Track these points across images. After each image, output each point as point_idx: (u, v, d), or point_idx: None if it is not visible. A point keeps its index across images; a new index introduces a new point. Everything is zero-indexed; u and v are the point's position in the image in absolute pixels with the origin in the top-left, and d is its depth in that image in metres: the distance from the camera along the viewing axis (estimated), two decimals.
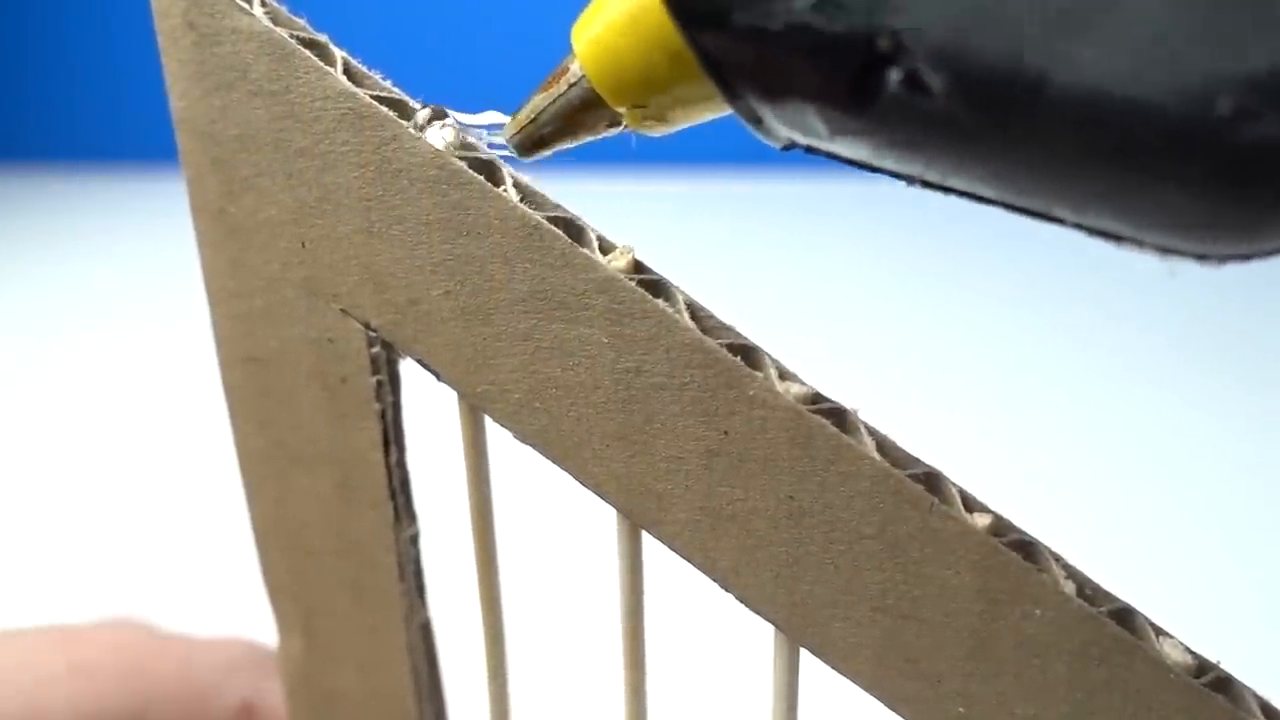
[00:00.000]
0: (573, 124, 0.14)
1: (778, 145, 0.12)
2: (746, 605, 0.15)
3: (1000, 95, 0.09)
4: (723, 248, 1.23)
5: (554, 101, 0.13)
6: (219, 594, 0.58)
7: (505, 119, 0.15)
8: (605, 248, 0.14)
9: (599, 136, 0.14)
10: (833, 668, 0.15)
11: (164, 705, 0.20)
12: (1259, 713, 0.13)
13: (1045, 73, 0.09)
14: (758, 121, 0.12)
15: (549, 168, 0.14)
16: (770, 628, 0.15)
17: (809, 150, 0.12)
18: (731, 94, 0.11)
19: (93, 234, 1.46)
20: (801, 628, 0.14)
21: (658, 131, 0.13)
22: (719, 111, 0.12)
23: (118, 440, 0.83)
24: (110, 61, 1.76)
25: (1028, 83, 0.09)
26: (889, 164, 0.11)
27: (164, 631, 0.22)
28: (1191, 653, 0.13)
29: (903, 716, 0.15)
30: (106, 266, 1.31)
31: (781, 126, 0.11)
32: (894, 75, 0.10)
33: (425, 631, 0.18)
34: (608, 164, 1.69)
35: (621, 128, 0.13)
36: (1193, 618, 0.22)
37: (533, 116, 0.14)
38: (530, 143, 0.14)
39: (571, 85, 0.13)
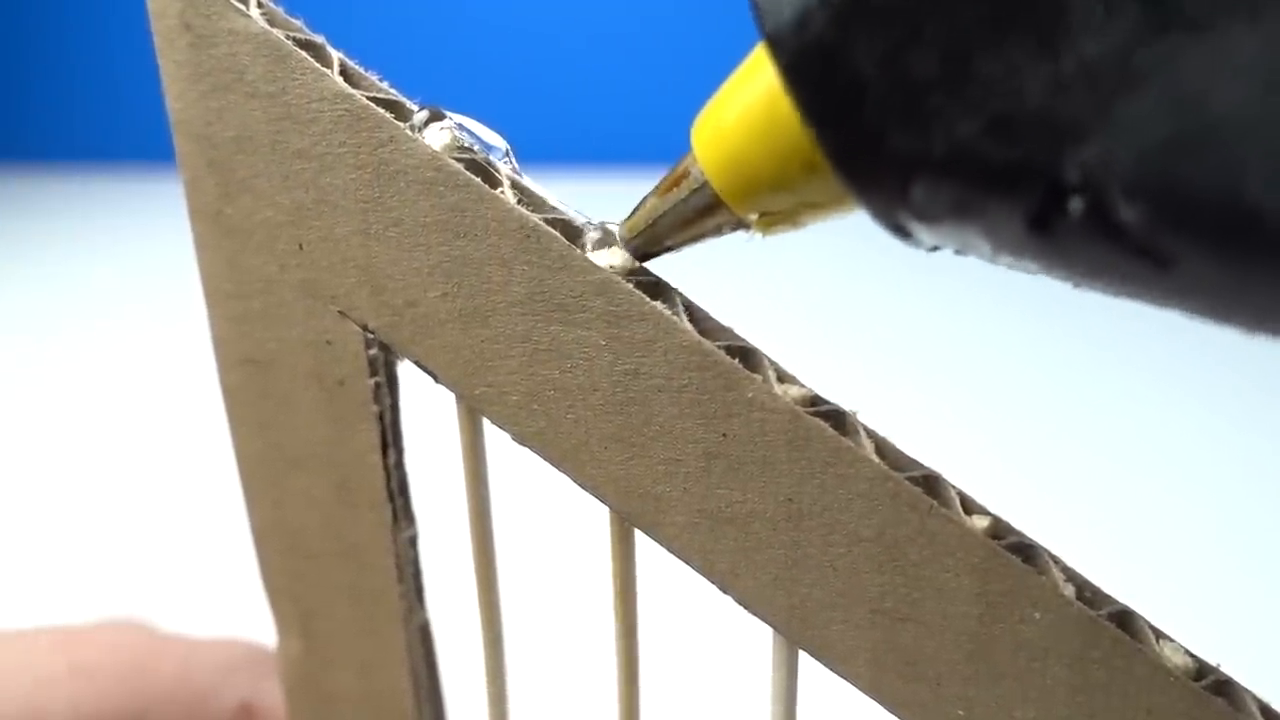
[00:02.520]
0: (695, 228, 0.13)
1: (923, 250, 0.11)
2: (745, 607, 0.15)
3: (1208, 227, 0.08)
4: (723, 247, 1.23)
5: (674, 207, 0.13)
6: (218, 595, 0.59)
7: (504, 143, 0.14)
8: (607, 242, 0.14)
9: (721, 236, 0.13)
10: (831, 670, 0.15)
11: (164, 706, 0.20)
12: (1259, 716, 0.13)
13: (1265, 203, 0.08)
14: (905, 235, 0.11)
15: (549, 168, 0.14)
16: (769, 630, 0.15)
17: (958, 252, 0.11)
18: (881, 215, 0.11)
19: (92, 234, 1.46)
20: (800, 630, 0.14)
21: (785, 232, 0.12)
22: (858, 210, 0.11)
23: (118, 441, 0.83)
24: (109, 62, 1.76)
25: (1244, 214, 0.08)
26: (1060, 278, 0.10)
27: (163, 632, 0.22)
28: (1191, 655, 0.13)
29: (900, 719, 0.14)
30: (106, 267, 1.31)
31: (934, 241, 0.11)
32: (1077, 204, 0.09)
33: (424, 633, 0.18)
34: (608, 164, 1.69)
35: (747, 229, 0.13)
36: (1193, 619, 0.22)
37: (651, 221, 0.13)
38: (649, 247, 0.13)
39: (694, 191, 0.12)
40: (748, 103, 0.11)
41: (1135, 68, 0.08)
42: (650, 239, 0.13)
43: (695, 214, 0.13)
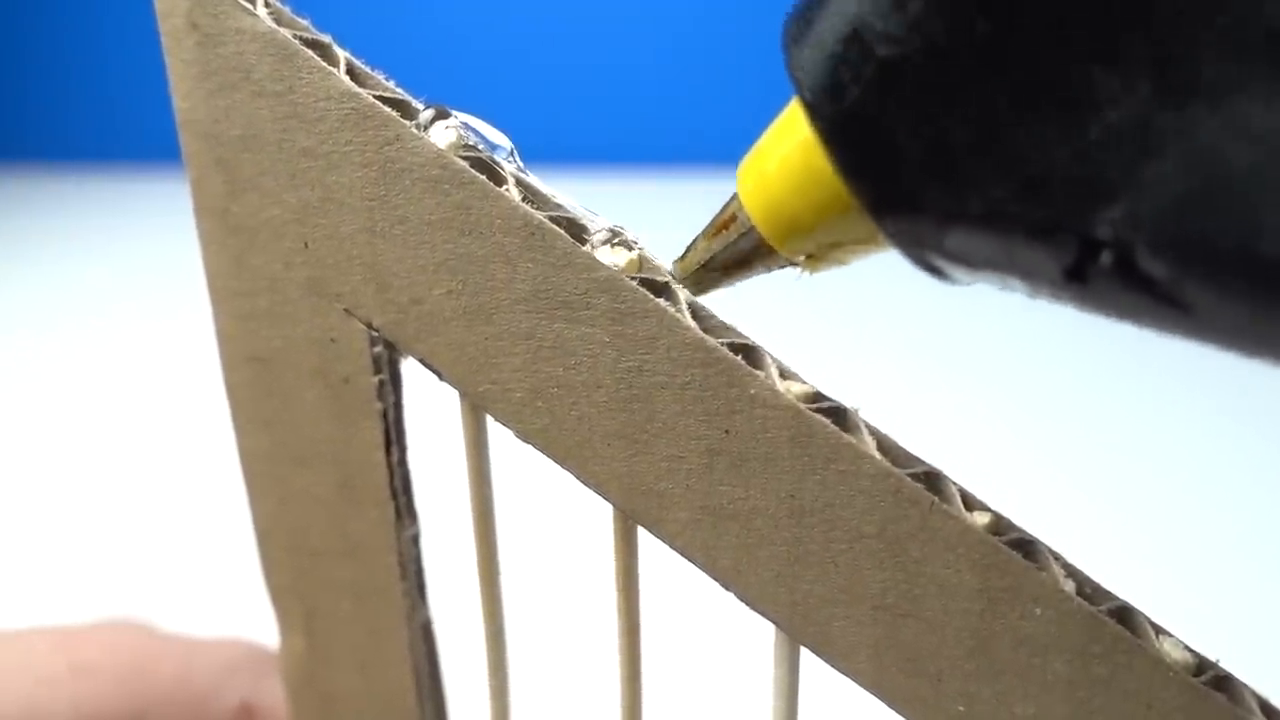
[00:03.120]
0: (745, 268, 0.13)
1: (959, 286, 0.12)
2: (747, 604, 0.15)
3: (1227, 277, 0.09)
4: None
5: (724, 249, 0.13)
6: (219, 594, 0.59)
7: (508, 142, 0.15)
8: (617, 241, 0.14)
9: (773, 271, 0.13)
10: (833, 666, 0.15)
11: (164, 706, 0.20)
12: (1258, 711, 0.13)
13: None
14: (943, 277, 0.11)
15: (549, 168, 0.14)
16: (770, 626, 0.15)
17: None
18: (918, 262, 0.11)
19: (93, 234, 1.46)
20: (802, 626, 0.15)
21: (831, 269, 0.13)
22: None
23: (118, 441, 0.83)
24: (110, 62, 1.77)
25: (1260, 265, 0.09)
26: (1095, 315, 0.11)
27: (163, 632, 0.22)
28: (1191, 651, 0.13)
29: (903, 715, 0.15)
30: (106, 267, 1.31)
31: (970, 281, 0.11)
32: (1107, 258, 0.09)
33: (426, 630, 0.18)
34: (609, 163, 1.70)
35: (796, 267, 0.13)
36: (1193, 616, 0.22)
37: (704, 261, 0.14)
38: (703, 286, 0.14)
39: (742, 235, 0.13)
40: (787, 154, 0.12)
41: (1156, 134, 0.09)
42: (703, 279, 0.14)
43: (744, 255, 0.13)
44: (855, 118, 0.10)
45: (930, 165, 0.10)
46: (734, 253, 0.13)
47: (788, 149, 0.12)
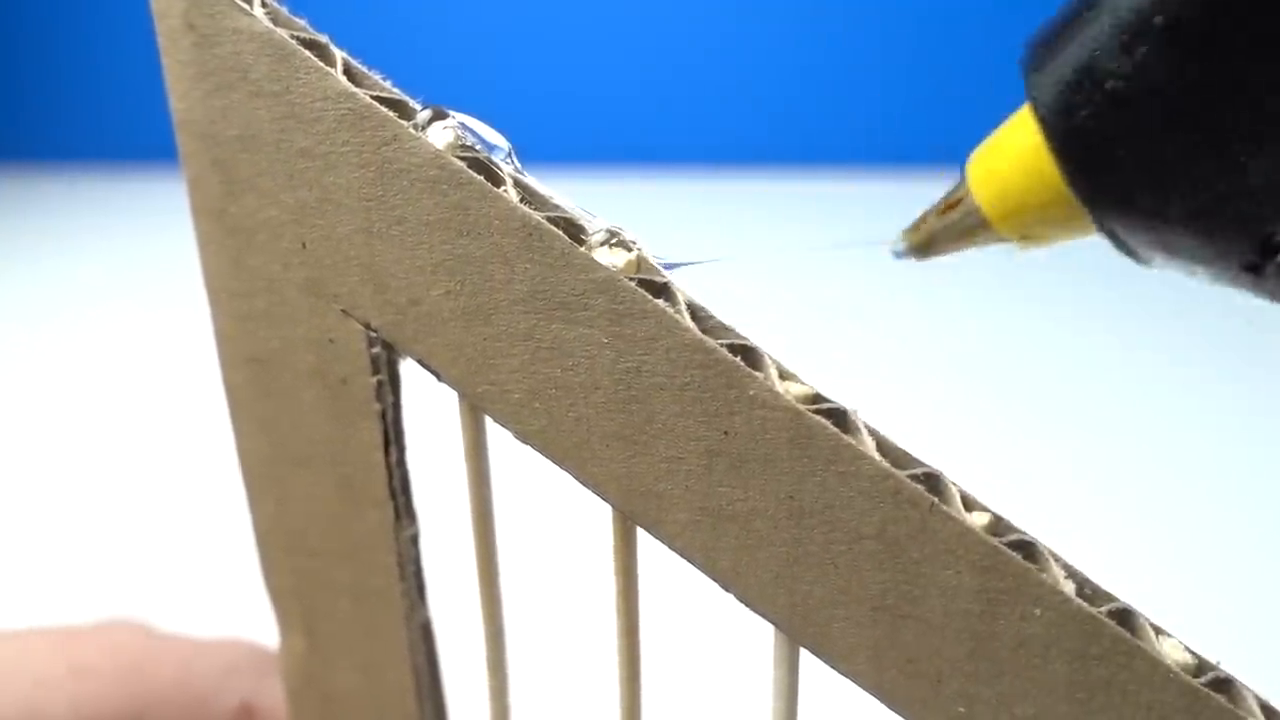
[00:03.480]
0: (965, 242, 0.15)
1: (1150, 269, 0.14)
2: (747, 605, 0.15)
3: None
4: (723, 246, 1.23)
5: (949, 225, 0.15)
6: (218, 595, 0.59)
7: (506, 143, 0.15)
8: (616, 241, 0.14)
9: (988, 246, 0.16)
10: (832, 667, 0.15)
11: (163, 706, 0.20)
12: (1259, 713, 0.13)
13: None
14: (1139, 260, 0.14)
15: (552, 168, 0.14)
16: (770, 628, 0.15)
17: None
18: (1125, 252, 0.14)
19: (91, 234, 1.46)
20: (801, 627, 0.14)
21: (1039, 248, 0.15)
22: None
23: (117, 441, 0.83)
24: (108, 62, 1.77)
25: None
26: (1260, 297, 0.13)
27: (163, 633, 0.22)
28: (1191, 652, 0.13)
29: (903, 716, 0.14)
30: (104, 267, 1.31)
31: (1161, 266, 0.13)
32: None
33: (426, 631, 0.18)
34: (610, 163, 1.70)
35: (1004, 243, 0.15)
36: (1193, 618, 0.22)
37: (929, 236, 0.16)
38: (924, 253, 0.16)
39: (967, 214, 0.15)
40: (1017, 154, 0.14)
41: None
42: (926, 247, 0.16)
43: (967, 232, 0.15)
44: (1083, 133, 0.13)
45: (1142, 175, 0.12)
46: (958, 229, 0.15)
47: (1018, 150, 0.14)
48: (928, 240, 0.16)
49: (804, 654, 0.15)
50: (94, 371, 0.98)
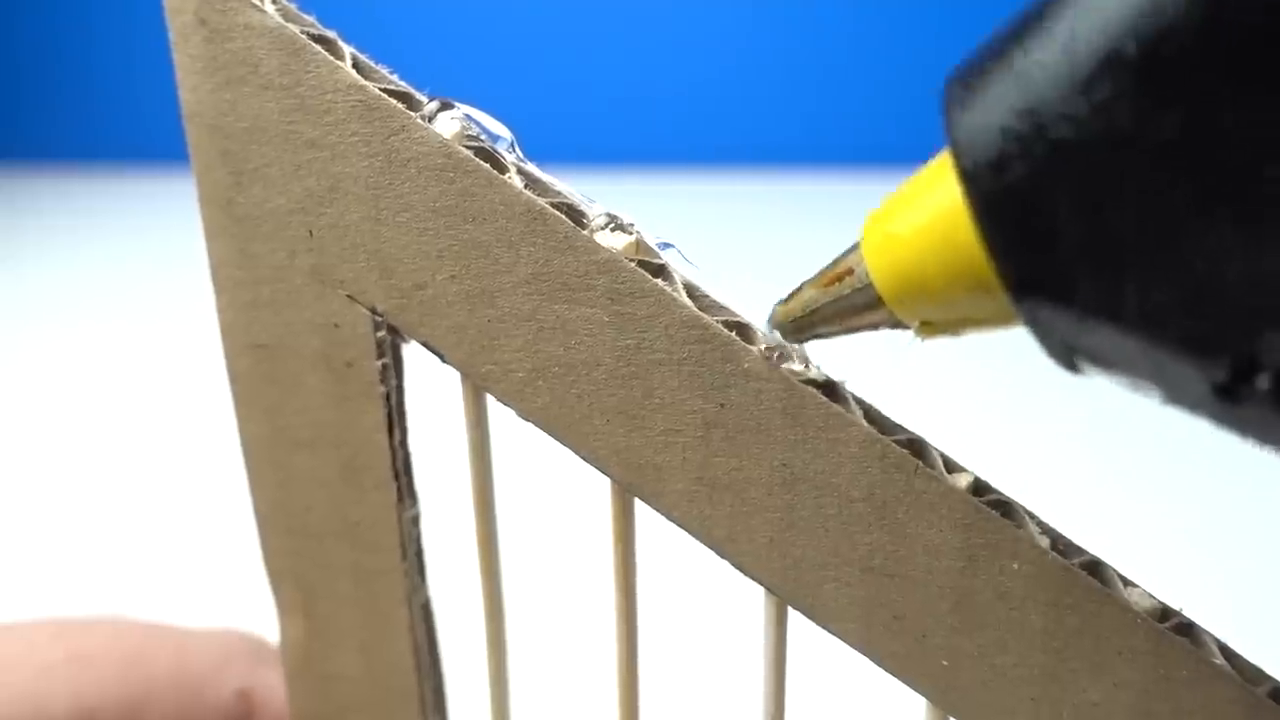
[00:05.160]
0: (851, 323, 0.13)
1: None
2: (741, 571, 0.15)
3: None
4: (724, 245, 1.26)
5: (834, 301, 0.13)
6: (216, 590, 0.59)
7: (509, 133, 0.15)
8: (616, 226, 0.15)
9: (879, 330, 0.13)
10: (823, 628, 0.15)
11: (163, 693, 0.21)
12: (1218, 653, 0.14)
13: None
14: (1074, 370, 0.11)
15: (553, 168, 0.15)
16: (760, 591, 0.16)
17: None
18: (1055, 353, 0.11)
19: (92, 234, 1.47)
20: (794, 590, 0.15)
21: (943, 338, 0.12)
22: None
23: (117, 438, 0.83)
24: (110, 63, 1.76)
25: None
26: (1229, 430, 0.10)
27: (160, 624, 0.22)
28: (1156, 600, 0.14)
29: (889, 672, 0.15)
30: (105, 267, 1.32)
31: (1104, 379, 0.11)
32: (1265, 381, 0.09)
33: (426, 611, 0.19)
34: (611, 163, 1.71)
35: (902, 329, 0.13)
36: (1157, 572, 0.23)
37: (808, 311, 0.13)
38: (801, 333, 0.14)
39: (857, 290, 0.12)
40: (926, 218, 0.11)
41: None
42: (803, 327, 0.14)
43: (854, 311, 0.13)
44: (1016, 195, 0.10)
45: (1089, 256, 0.09)
46: (844, 306, 0.13)
47: (928, 212, 0.11)
48: (806, 317, 0.13)
49: (792, 628, 0.16)
50: (93, 371, 0.98)
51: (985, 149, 0.10)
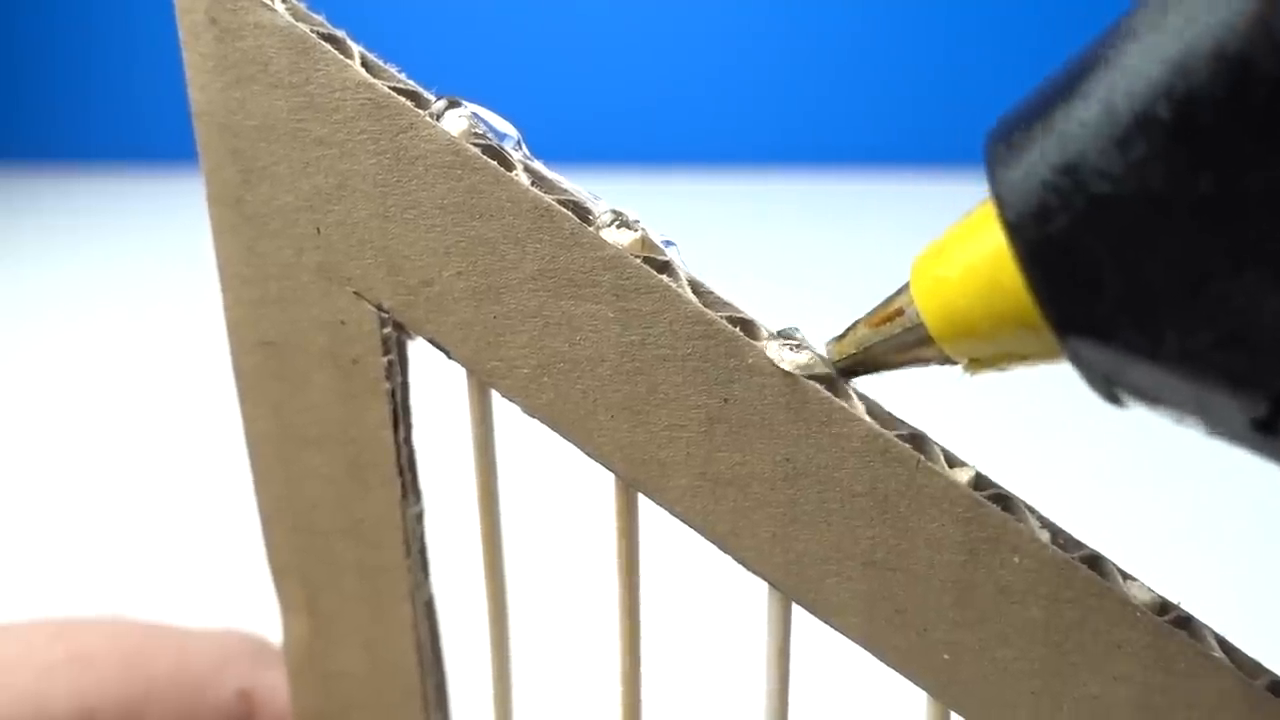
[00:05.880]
0: (902, 359, 0.14)
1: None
2: (745, 566, 0.16)
3: None
4: (728, 243, 1.26)
5: (886, 340, 0.14)
6: (216, 588, 0.60)
7: (515, 131, 0.15)
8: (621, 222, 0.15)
9: (929, 366, 0.14)
10: (825, 622, 0.16)
11: (164, 693, 0.21)
12: (1216, 646, 0.14)
13: None
14: (1117, 403, 0.11)
15: (559, 166, 0.15)
16: (764, 587, 0.16)
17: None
18: (1100, 389, 0.11)
19: (92, 234, 1.47)
20: (797, 585, 0.15)
21: (991, 372, 0.13)
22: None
23: (117, 438, 0.83)
24: (110, 62, 1.76)
25: None
26: (1271, 460, 0.11)
27: (160, 624, 0.22)
28: (1155, 593, 0.14)
29: (891, 666, 0.15)
30: (105, 267, 1.33)
31: (1144, 409, 0.11)
32: None
33: (429, 607, 0.19)
34: (617, 161, 1.71)
35: (951, 364, 0.13)
36: (1157, 568, 0.23)
37: (861, 348, 0.14)
38: (855, 369, 0.14)
39: (907, 329, 0.13)
40: (973, 261, 0.12)
41: None
42: (858, 363, 0.14)
43: (906, 348, 0.13)
44: (1058, 245, 0.10)
45: (1129, 303, 0.10)
46: (896, 344, 0.13)
47: (975, 258, 0.12)
48: (860, 354, 0.14)
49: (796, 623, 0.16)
50: (93, 371, 0.98)
51: (1028, 202, 0.11)
